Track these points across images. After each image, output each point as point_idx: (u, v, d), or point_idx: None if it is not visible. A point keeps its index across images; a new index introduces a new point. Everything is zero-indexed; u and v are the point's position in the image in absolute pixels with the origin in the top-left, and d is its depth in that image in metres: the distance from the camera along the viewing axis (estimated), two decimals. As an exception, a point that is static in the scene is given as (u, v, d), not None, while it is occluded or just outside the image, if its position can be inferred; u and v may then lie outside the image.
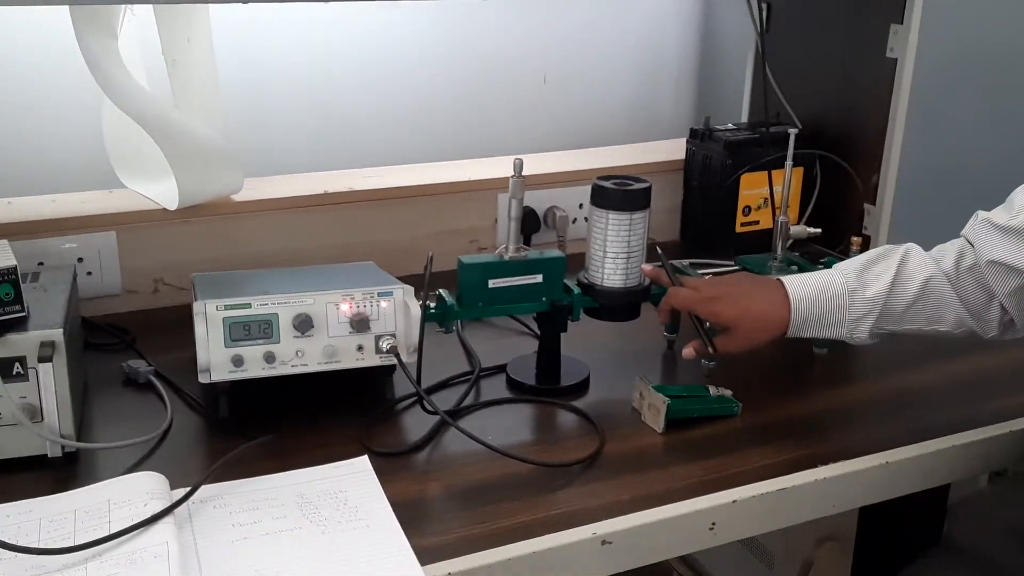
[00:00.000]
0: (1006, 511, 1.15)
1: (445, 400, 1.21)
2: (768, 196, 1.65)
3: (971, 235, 1.14)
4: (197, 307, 1.09)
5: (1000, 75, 2.24)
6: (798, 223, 1.64)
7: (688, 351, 1.23)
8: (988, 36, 2.19)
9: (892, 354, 1.37)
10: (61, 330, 1.03)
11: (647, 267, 1.28)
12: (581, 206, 1.69)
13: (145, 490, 0.97)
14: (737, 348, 1.20)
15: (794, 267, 1.38)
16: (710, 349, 1.22)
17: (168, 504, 0.94)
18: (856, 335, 1.17)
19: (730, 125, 1.77)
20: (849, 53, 1.68)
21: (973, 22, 2.14)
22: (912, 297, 1.15)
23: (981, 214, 1.14)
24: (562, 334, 1.27)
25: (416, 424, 1.16)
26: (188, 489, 0.97)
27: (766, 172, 1.62)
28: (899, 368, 1.34)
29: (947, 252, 1.17)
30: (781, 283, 1.18)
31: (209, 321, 1.09)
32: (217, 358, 1.09)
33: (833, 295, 1.16)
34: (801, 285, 1.17)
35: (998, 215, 1.11)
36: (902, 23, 1.57)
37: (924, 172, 1.92)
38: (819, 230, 1.45)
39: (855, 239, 1.41)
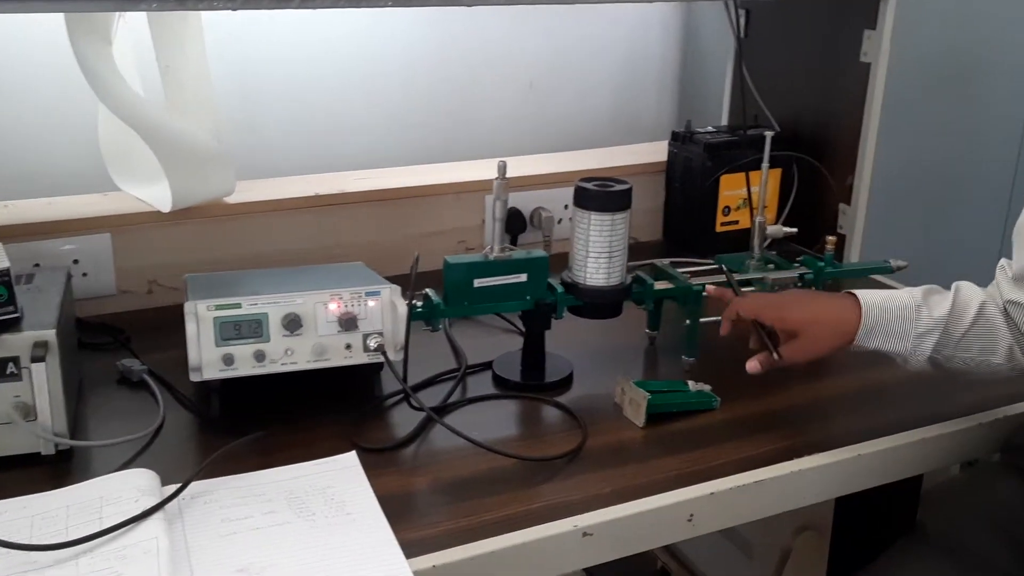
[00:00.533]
0: (977, 499, 1.16)
1: (432, 397, 1.20)
2: (747, 196, 1.64)
3: (997, 277, 1.15)
4: (188, 307, 1.08)
5: (970, 78, 2.24)
6: (776, 223, 1.63)
7: (753, 364, 1.16)
8: (958, 41, 2.19)
9: (863, 350, 1.38)
10: (54, 330, 1.02)
11: (711, 288, 1.25)
12: (566, 207, 1.69)
13: (136, 486, 0.96)
14: (804, 355, 1.14)
15: (771, 265, 1.38)
16: (775, 356, 1.15)
17: (159, 500, 0.93)
18: (919, 352, 1.12)
19: (710, 128, 1.76)
20: (824, 58, 1.67)
21: (944, 27, 2.14)
22: (969, 322, 1.12)
23: (1003, 260, 1.15)
24: (546, 331, 1.26)
25: (403, 420, 1.15)
26: (179, 485, 0.96)
27: (744, 173, 1.61)
28: (873, 363, 1.32)
29: (994, 288, 1.16)
30: (850, 292, 1.15)
31: (200, 321, 1.08)
32: (208, 357, 1.08)
33: (902, 306, 1.12)
34: (870, 294, 1.14)
35: (1010, 263, 1.13)
36: (875, 29, 1.56)
37: (897, 173, 1.92)
38: (795, 230, 1.44)
39: (829, 238, 1.40)
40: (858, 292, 1.15)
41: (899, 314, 1.12)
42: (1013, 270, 1.13)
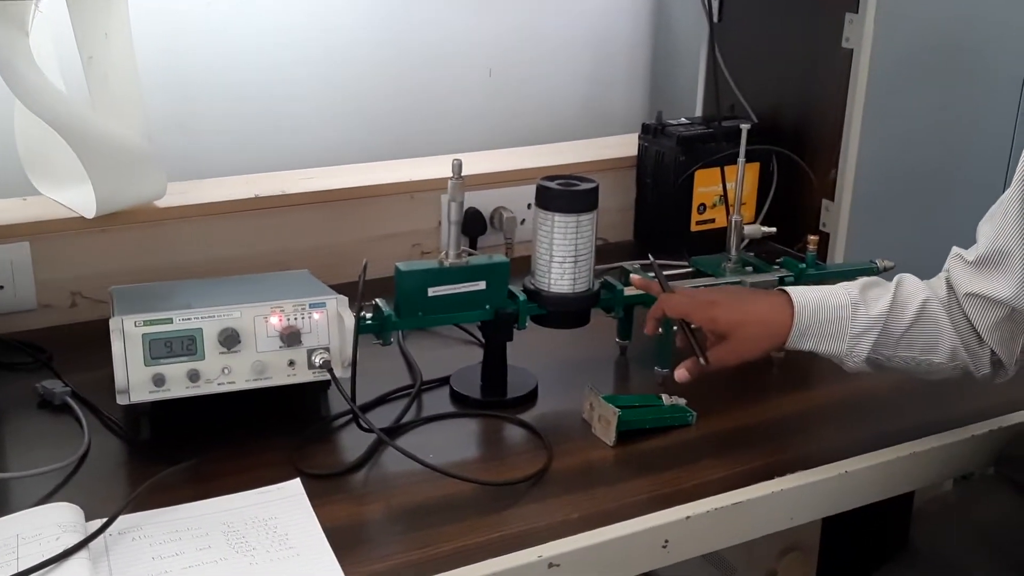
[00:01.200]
0: (971, 515, 1.16)
1: (384, 416, 1.19)
2: (723, 193, 1.64)
3: (949, 271, 1.15)
4: (114, 323, 1.07)
5: (959, 65, 2.26)
6: (754, 221, 1.64)
7: (681, 373, 1.17)
8: (947, 24, 2.21)
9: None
10: (-36, 351, 1.00)
11: (636, 278, 1.26)
12: (529, 206, 1.67)
13: (57, 523, 0.94)
14: (734, 358, 1.15)
15: (748, 268, 1.38)
16: (702, 361, 1.16)
17: (83, 537, 0.92)
18: (855, 353, 1.12)
19: (683, 120, 1.77)
20: (804, 44, 1.68)
21: (931, 10, 2.15)
22: (910, 319, 1.12)
23: (954, 250, 1.15)
24: (508, 343, 1.26)
25: (352, 443, 1.14)
26: (104, 520, 0.94)
27: (720, 168, 1.61)
28: (856, 373, 1.34)
29: (938, 282, 1.16)
30: (783, 290, 1.16)
31: (127, 338, 1.06)
32: (137, 377, 1.07)
33: (838, 305, 1.12)
34: (804, 292, 1.15)
35: (968, 250, 1.13)
36: (857, 12, 1.58)
37: (883, 167, 1.93)
38: (774, 229, 1.44)
39: (812, 237, 1.41)
40: (791, 290, 1.15)
41: (834, 314, 1.12)
42: (975, 254, 1.11)
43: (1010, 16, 2.30)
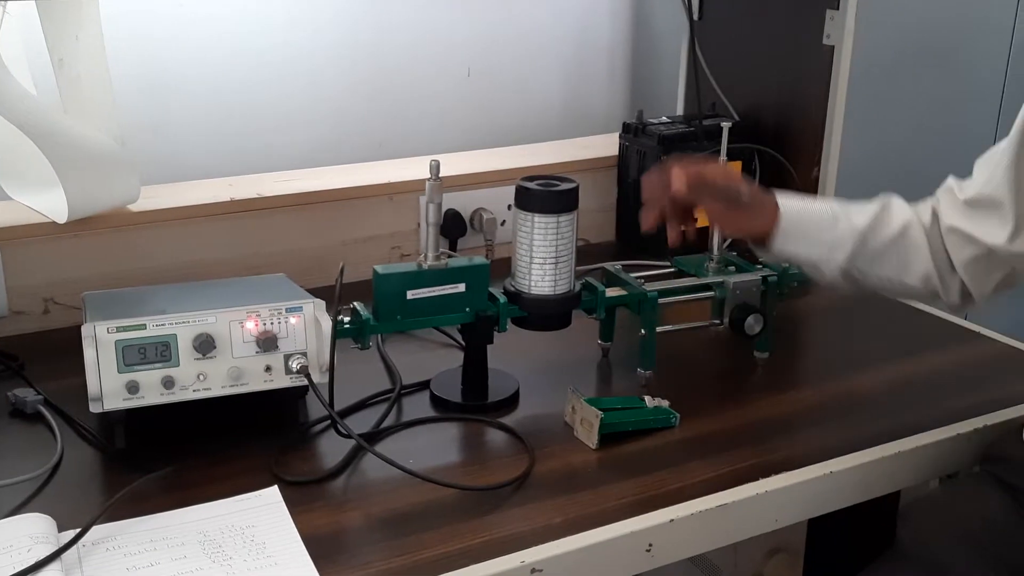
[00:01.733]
0: (957, 514, 1.16)
1: (363, 422, 1.18)
2: (705, 192, 1.64)
3: (939, 201, 1.20)
4: (86, 329, 1.05)
5: (943, 60, 2.27)
6: (737, 220, 1.64)
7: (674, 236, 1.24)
8: (929, 19, 2.22)
9: (831, 358, 1.40)
10: (-68, 360, 0.98)
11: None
12: (510, 207, 1.67)
13: (29, 534, 0.93)
14: (732, 226, 1.24)
15: (731, 267, 1.38)
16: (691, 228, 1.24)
17: (55, 548, 0.90)
18: (832, 261, 1.19)
19: (664, 118, 1.76)
20: (785, 41, 1.68)
21: (912, 6, 2.16)
22: (889, 238, 1.18)
23: (950, 180, 1.19)
24: (488, 346, 1.25)
25: (331, 449, 1.13)
26: (77, 531, 0.93)
27: (701, 167, 1.61)
28: (842, 372, 1.35)
29: (924, 207, 1.21)
30: (772, 191, 1.23)
31: (100, 345, 1.05)
32: (110, 385, 1.06)
33: (819, 212, 1.21)
34: (790, 197, 1.22)
35: (961, 186, 1.18)
36: (838, 9, 1.58)
37: (866, 164, 1.94)
38: (757, 228, 1.44)
39: (795, 236, 1.40)
40: (779, 193, 1.22)
41: (815, 220, 1.20)
42: (967, 193, 1.16)
43: (991, 13, 2.31)
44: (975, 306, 1.21)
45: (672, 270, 1.43)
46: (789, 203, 1.21)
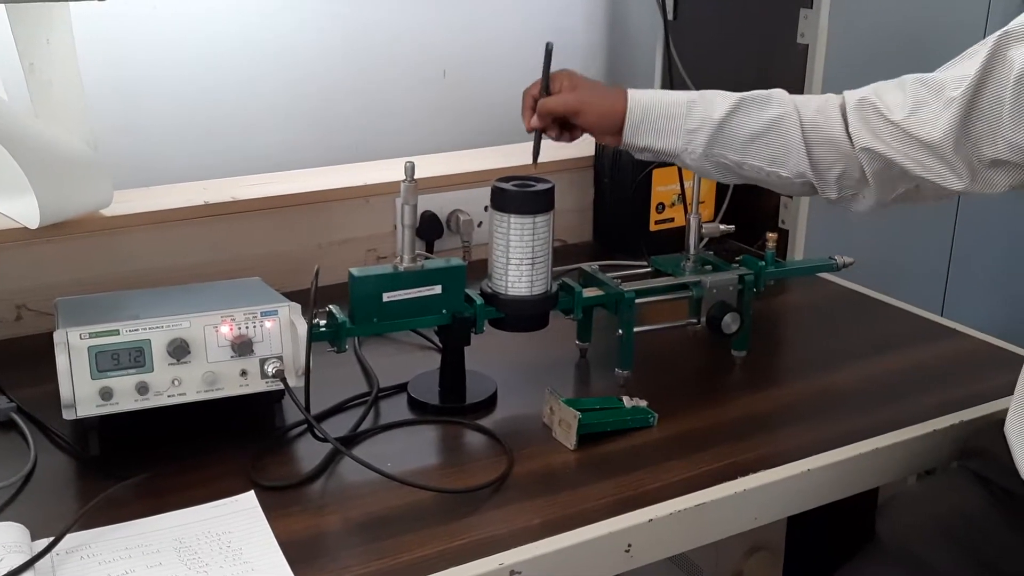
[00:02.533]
0: (935, 509, 1.17)
1: (340, 425, 1.17)
2: (681, 192, 1.65)
3: (856, 111, 1.20)
4: (58, 336, 1.04)
5: (915, 59, 2.28)
6: (713, 220, 1.64)
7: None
8: (901, 19, 2.23)
9: (808, 356, 1.41)
10: (-99, 368, 0.97)
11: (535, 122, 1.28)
12: (486, 208, 1.67)
13: (2, 543, 0.91)
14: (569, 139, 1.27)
15: (708, 266, 1.38)
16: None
17: (28, 557, 0.90)
18: (691, 148, 1.21)
19: (640, 118, 1.76)
20: (759, 40, 1.69)
21: (884, 4, 2.17)
22: (756, 130, 1.20)
23: (870, 95, 1.20)
24: (466, 348, 1.25)
25: (308, 454, 1.12)
26: (51, 539, 0.92)
27: (678, 167, 1.61)
28: (819, 370, 1.35)
29: (813, 103, 1.23)
30: (625, 91, 1.24)
31: (72, 351, 1.04)
32: (83, 391, 1.05)
33: (672, 103, 1.22)
34: (643, 92, 1.24)
35: (888, 105, 1.18)
36: (812, 8, 1.59)
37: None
38: (733, 227, 1.45)
39: (771, 235, 1.41)
40: (632, 91, 1.24)
41: (667, 110, 1.22)
42: (897, 116, 1.16)
43: (962, 11, 2.33)
44: (860, 205, 1.24)
45: (649, 270, 1.43)
46: (639, 95, 1.23)
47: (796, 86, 1.63)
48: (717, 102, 1.21)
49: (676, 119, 1.21)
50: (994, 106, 1.09)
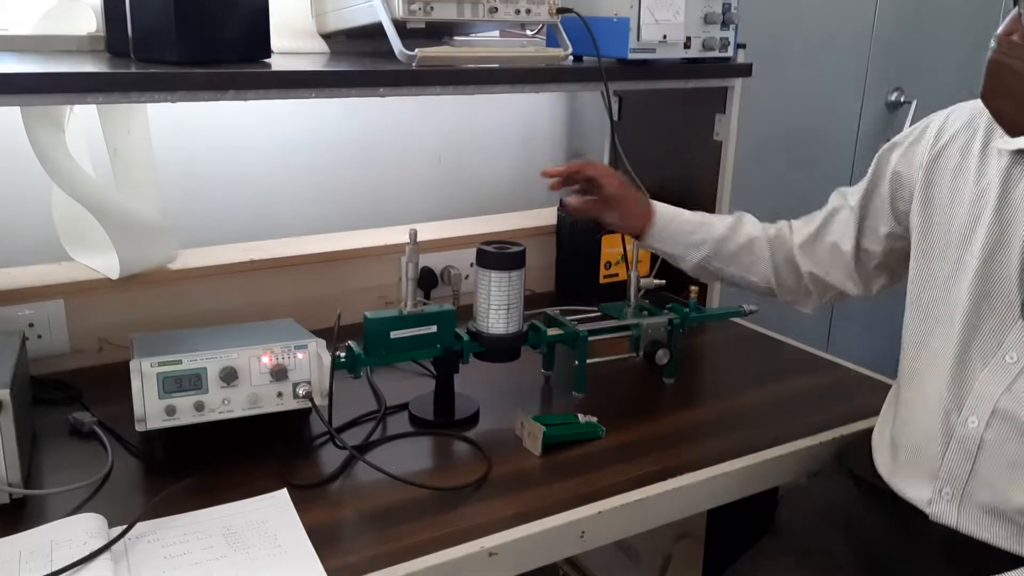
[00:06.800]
0: (820, 502, 1.17)
1: (355, 436, 1.17)
2: (624, 254, 1.66)
3: (799, 241, 1.28)
4: (133, 365, 1.04)
5: (803, 148, 2.34)
6: (648, 275, 1.65)
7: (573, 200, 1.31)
8: (791, 118, 2.28)
9: (723, 382, 1.41)
10: (8, 389, 0.96)
11: (571, 198, 1.32)
12: (472, 265, 1.68)
13: (85, 530, 0.91)
14: (610, 218, 1.29)
15: (645, 312, 1.39)
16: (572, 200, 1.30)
17: (106, 542, 0.89)
18: (690, 257, 1.29)
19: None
20: (685, 137, 1.71)
21: (779, 107, 2.22)
22: (740, 246, 1.28)
23: (795, 224, 1.29)
24: (455, 375, 1.25)
25: (329, 459, 1.12)
26: (124, 527, 0.92)
27: (621, 235, 1.63)
28: (730, 393, 1.36)
29: (771, 228, 1.31)
30: (653, 203, 1.30)
31: (144, 376, 1.04)
32: (152, 409, 1.04)
33: (685, 219, 1.29)
34: (666, 207, 1.30)
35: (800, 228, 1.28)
36: (725, 112, 1.61)
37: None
38: (663, 281, 1.46)
39: (693, 288, 1.43)
40: (657, 204, 1.30)
41: (682, 226, 1.29)
42: (810, 228, 1.25)
43: (840, 116, 2.38)
44: (807, 309, 1.30)
45: (598, 314, 1.44)
46: (663, 210, 1.29)
47: (713, 170, 1.65)
48: (714, 225, 1.29)
49: (687, 234, 1.29)
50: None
